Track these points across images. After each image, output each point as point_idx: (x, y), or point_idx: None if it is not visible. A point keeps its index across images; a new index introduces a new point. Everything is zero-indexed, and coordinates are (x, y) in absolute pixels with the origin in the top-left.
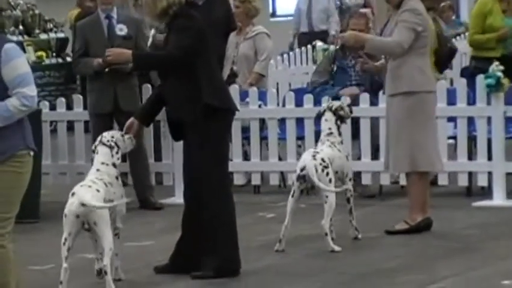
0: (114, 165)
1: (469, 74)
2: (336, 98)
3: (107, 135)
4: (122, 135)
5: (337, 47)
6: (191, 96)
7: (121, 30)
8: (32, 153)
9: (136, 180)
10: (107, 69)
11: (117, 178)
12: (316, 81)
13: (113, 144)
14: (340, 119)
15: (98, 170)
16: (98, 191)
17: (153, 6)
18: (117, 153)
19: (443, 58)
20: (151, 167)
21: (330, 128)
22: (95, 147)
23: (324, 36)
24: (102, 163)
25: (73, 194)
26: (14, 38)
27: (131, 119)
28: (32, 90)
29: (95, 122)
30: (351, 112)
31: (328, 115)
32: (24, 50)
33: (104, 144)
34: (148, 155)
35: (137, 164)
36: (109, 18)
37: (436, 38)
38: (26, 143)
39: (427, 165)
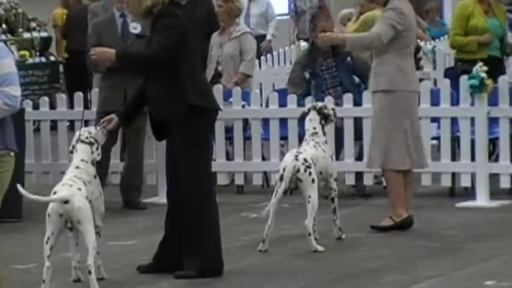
0: (93, 162)
1: (454, 75)
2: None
3: (84, 132)
4: (96, 129)
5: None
6: (174, 95)
7: (135, 28)
8: (12, 153)
9: (124, 179)
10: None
11: (95, 177)
12: (293, 93)
13: (92, 140)
14: (324, 118)
15: (77, 167)
16: (79, 189)
17: (137, 5)
18: (97, 149)
19: None
20: None
21: (314, 128)
22: (73, 146)
23: (262, 40)
24: (82, 160)
25: (55, 193)
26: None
27: (111, 115)
28: (15, 91)
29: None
30: (335, 116)
31: (313, 114)
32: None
33: (82, 141)
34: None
35: (130, 164)
36: (123, 17)
37: None
38: (5, 143)
39: (397, 163)
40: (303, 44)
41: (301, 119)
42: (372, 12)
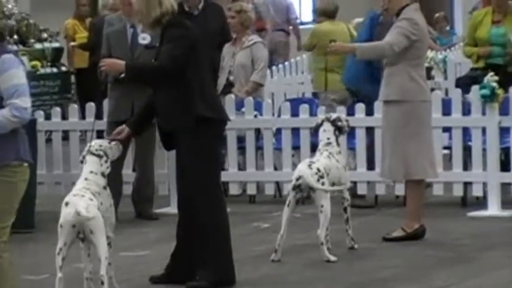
0: (102, 174)
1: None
2: None
3: (95, 145)
4: (109, 143)
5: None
6: (182, 106)
7: (144, 39)
8: (26, 164)
9: (135, 191)
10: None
11: (105, 188)
12: None
13: (101, 153)
14: (338, 129)
15: (86, 179)
16: (91, 199)
17: (146, 15)
18: (106, 162)
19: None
20: None
21: (328, 138)
22: (83, 156)
23: None
24: (91, 172)
25: (67, 203)
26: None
27: (122, 126)
28: (25, 102)
29: (111, 130)
30: (349, 126)
31: (327, 125)
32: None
33: (92, 153)
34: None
35: (141, 176)
36: (133, 28)
37: None
38: (19, 154)
39: (421, 173)
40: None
41: (315, 130)
42: (323, 25)
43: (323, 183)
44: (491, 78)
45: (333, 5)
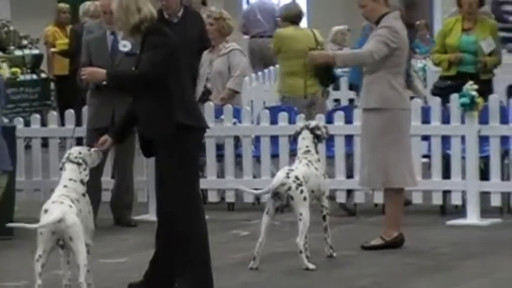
0: (82, 182)
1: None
2: None
3: (74, 152)
4: (89, 150)
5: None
6: (162, 114)
7: (124, 46)
8: (2, 172)
9: (114, 198)
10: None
11: (83, 195)
12: None
13: (80, 161)
14: (317, 137)
15: (65, 186)
16: (70, 206)
17: (126, 21)
18: (85, 169)
19: (323, 72)
20: None
21: (307, 146)
22: (63, 164)
23: None
24: (70, 179)
25: (46, 210)
26: None
27: (105, 136)
28: None
29: (90, 137)
30: (327, 133)
31: (306, 133)
32: None
33: (71, 161)
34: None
35: (120, 183)
36: (114, 35)
37: None
38: None
39: (400, 181)
40: None
41: (294, 138)
42: (287, 29)
43: (302, 191)
44: (470, 87)
45: (297, 10)
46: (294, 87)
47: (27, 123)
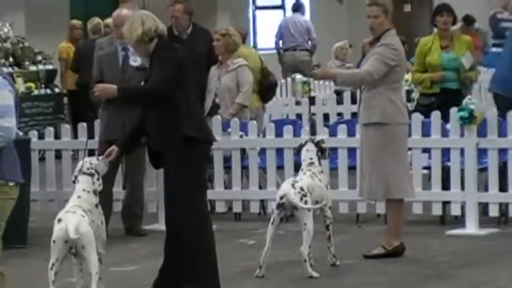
0: (94, 192)
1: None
2: None
3: (86, 163)
4: (98, 159)
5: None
6: (171, 127)
7: (135, 61)
8: (11, 183)
9: (125, 208)
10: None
11: (96, 206)
12: None
13: (93, 171)
14: (321, 150)
15: (78, 196)
16: (82, 216)
17: (129, 35)
18: (98, 179)
19: (265, 89)
20: None
21: (311, 158)
22: (75, 176)
23: None
24: (83, 190)
25: (59, 220)
26: (4, 70)
27: (112, 147)
28: (8, 122)
29: (102, 149)
30: (329, 155)
31: (310, 146)
32: (14, 81)
33: (84, 173)
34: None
35: (131, 194)
36: (125, 50)
37: (260, 71)
38: (3, 174)
39: (400, 193)
40: (298, 77)
41: (299, 150)
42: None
43: (306, 202)
44: (469, 101)
45: (244, 31)
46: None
47: (41, 136)
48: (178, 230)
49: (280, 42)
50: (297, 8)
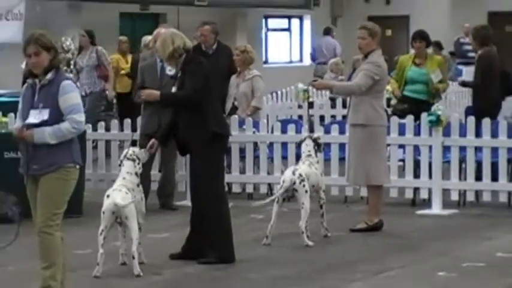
0: (136, 174)
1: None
2: None
3: (129, 151)
4: (140, 150)
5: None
6: (199, 125)
7: (170, 70)
8: (77, 166)
9: (160, 187)
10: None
11: (138, 185)
12: None
13: (135, 157)
14: (317, 145)
15: (123, 178)
16: (126, 193)
17: (162, 51)
18: (138, 164)
19: None
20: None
21: (309, 151)
22: (121, 161)
23: None
24: (127, 172)
25: (108, 196)
26: (71, 76)
27: (152, 140)
28: (80, 117)
29: (143, 140)
30: (324, 149)
31: (308, 141)
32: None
33: (128, 158)
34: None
35: (165, 176)
36: (163, 61)
37: None
38: (72, 158)
39: (378, 180)
40: (300, 86)
41: (299, 144)
42: None
43: (304, 186)
44: (436, 108)
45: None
46: None
47: (94, 129)
48: (202, 207)
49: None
50: (328, 31)
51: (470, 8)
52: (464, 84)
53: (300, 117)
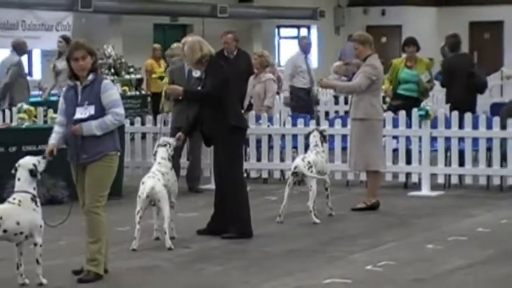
0: (169, 159)
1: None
2: None
3: (161, 140)
4: (170, 138)
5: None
6: (220, 119)
7: (196, 73)
8: (118, 153)
9: (188, 173)
10: (180, 98)
11: (171, 169)
12: None
13: (166, 143)
14: (323, 137)
15: (159, 163)
16: (159, 180)
17: (191, 57)
18: (169, 147)
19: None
20: None
21: (316, 142)
22: (155, 151)
23: None
24: (162, 158)
25: (143, 182)
26: (109, 78)
27: (179, 133)
28: (121, 110)
29: (173, 132)
30: (328, 139)
31: (316, 133)
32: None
33: (160, 145)
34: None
35: (192, 163)
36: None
37: None
38: (115, 146)
39: (375, 166)
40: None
41: (307, 136)
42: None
43: (311, 171)
44: (426, 105)
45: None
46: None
47: (132, 123)
48: (224, 190)
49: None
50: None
51: (454, 18)
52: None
53: (308, 112)
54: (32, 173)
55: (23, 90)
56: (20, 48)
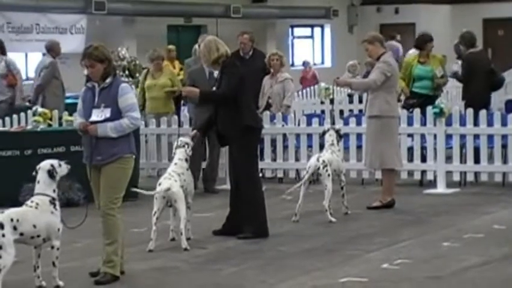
0: (186, 160)
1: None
2: None
3: (179, 141)
4: (186, 138)
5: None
6: (235, 119)
7: (216, 75)
8: (134, 156)
9: (204, 174)
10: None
11: (187, 169)
12: None
13: (184, 143)
14: (338, 135)
15: (175, 164)
16: (175, 181)
17: (208, 57)
18: (188, 147)
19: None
20: None
21: (332, 140)
22: (174, 153)
23: None
24: (179, 159)
25: (159, 183)
26: (126, 80)
27: (195, 131)
28: (137, 114)
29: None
30: (343, 138)
31: (331, 132)
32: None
33: (179, 146)
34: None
35: (209, 163)
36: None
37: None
38: (130, 149)
39: (391, 164)
40: (323, 85)
41: (323, 135)
42: None
43: (327, 170)
44: (440, 102)
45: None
46: (155, 108)
47: (146, 125)
48: (239, 190)
49: None
50: (392, 37)
51: (468, 15)
52: (455, 75)
53: (323, 112)
54: (50, 173)
55: (57, 92)
56: (53, 50)
